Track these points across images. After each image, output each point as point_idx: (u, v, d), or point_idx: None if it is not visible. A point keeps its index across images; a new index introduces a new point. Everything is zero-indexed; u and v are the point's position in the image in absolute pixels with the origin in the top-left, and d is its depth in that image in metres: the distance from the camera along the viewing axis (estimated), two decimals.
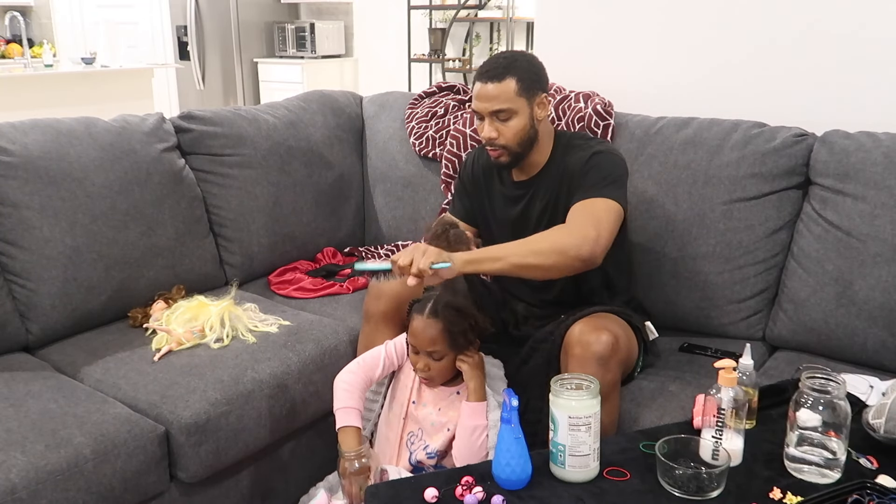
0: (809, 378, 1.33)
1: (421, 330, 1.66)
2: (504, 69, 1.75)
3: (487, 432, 1.67)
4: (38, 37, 6.74)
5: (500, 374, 1.80)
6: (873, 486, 1.23)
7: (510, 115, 1.76)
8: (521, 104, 1.76)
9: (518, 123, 1.77)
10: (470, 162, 2.03)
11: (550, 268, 1.65)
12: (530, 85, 1.76)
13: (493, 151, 1.82)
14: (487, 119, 1.78)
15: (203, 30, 6.09)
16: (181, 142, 2.28)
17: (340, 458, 1.63)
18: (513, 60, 1.77)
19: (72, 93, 4.76)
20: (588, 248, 1.63)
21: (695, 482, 1.26)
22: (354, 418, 1.67)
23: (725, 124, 2.07)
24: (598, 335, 1.59)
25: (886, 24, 2.04)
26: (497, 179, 1.96)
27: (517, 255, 1.63)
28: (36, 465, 1.44)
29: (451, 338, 1.66)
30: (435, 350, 1.67)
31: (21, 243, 1.89)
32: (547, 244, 1.65)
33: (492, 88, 1.75)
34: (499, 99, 1.74)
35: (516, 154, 1.81)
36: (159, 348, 1.86)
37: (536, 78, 1.79)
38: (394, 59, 5.97)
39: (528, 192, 1.89)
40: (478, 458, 1.66)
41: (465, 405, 1.69)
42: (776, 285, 2.00)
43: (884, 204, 1.80)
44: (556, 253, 1.63)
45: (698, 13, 2.32)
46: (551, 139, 1.88)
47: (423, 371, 1.70)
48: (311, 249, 2.54)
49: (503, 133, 1.78)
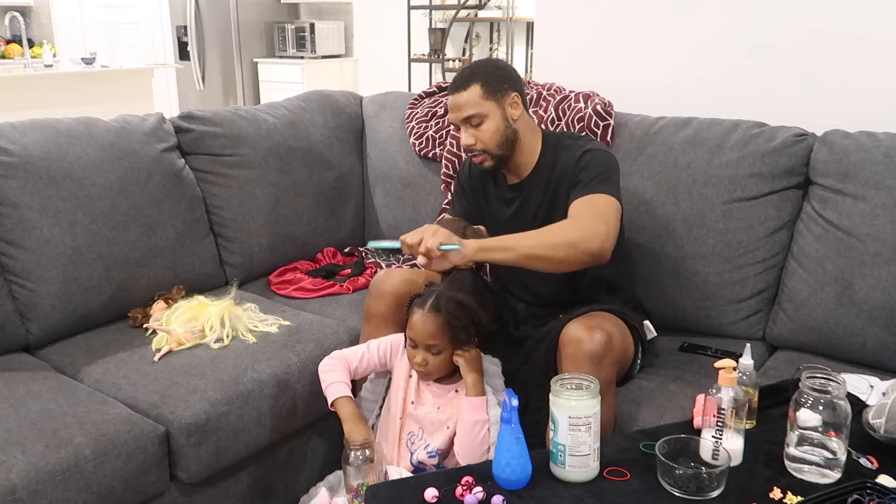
0: (809, 378, 1.33)
1: (421, 323, 1.67)
2: (468, 77, 1.81)
3: (489, 427, 1.67)
4: (38, 37, 6.74)
5: (498, 371, 1.80)
6: (873, 486, 1.23)
7: (481, 119, 1.80)
8: (489, 107, 1.79)
9: (491, 126, 1.80)
10: (467, 164, 2.05)
11: (561, 261, 1.66)
12: (496, 87, 1.80)
13: (476, 157, 1.85)
14: (462, 128, 1.82)
15: (203, 30, 6.09)
16: (181, 142, 2.28)
17: (345, 448, 1.61)
18: (475, 67, 1.84)
19: (72, 93, 4.76)
20: (598, 242, 1.65)
21: (695, 482, 1.26)
22: (344, 389, 1.72)
23: (725, 124, 2.07)
24: (592, 334, 1.60)
25: (886, 24, 2.04)
26: (492, 182, 1.97)
27: (528, 247, 1.65)
28: (36, 465, 1.44)
29: (452, 332, 1.66)
30: (434, 344, 1.67)
31: (21, 243, 1.89)
32: (558, 237, 1.66)
33: (458, 97, 1.81)
34: (467, 105, 1.79)
35: (498, 157, 1.83)
36: (159, 348, 1.86)
37: (501, 79, 1.82)
38: (394, 59, 5.97)
39: (521, 194, 1.90)
40: (480, 453, 1.66)
41: (465, 400, 1.69)
42: (776, 285, 2.00)
43: (884, 204, 1.81)
44: (567, 246, 1.64)
45: (698, 13, 2.32)
46: (538, 139, 1.89)
47: (420, 365, 1.70)
48: (311, 249, 2.54)
49: (479, 138, 1.81)
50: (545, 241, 1.66)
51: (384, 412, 1.82)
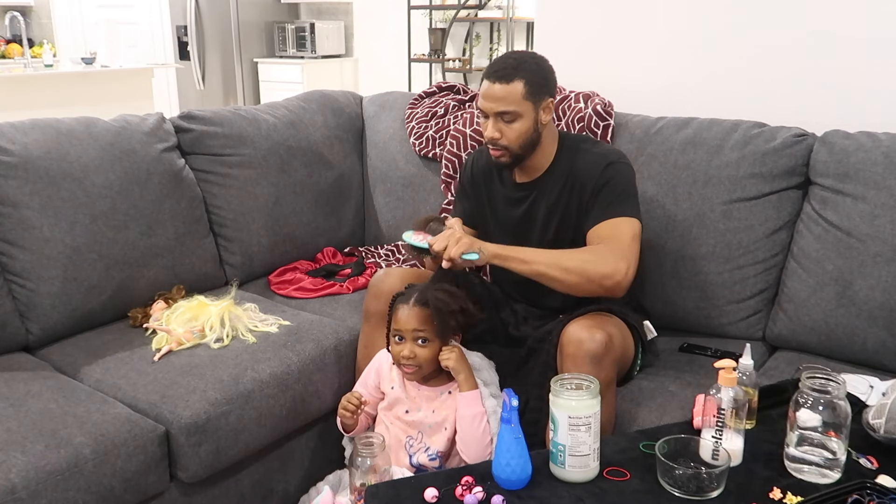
0: (809, 378, 1.33)
1: (406, 315, 1.69)
2: (513, 70, 1.74)
3: (487, 418, 1.67)
4: (38, 37, 6.74)
5: (485, 364, 1.82)
6: (873, 486, 1.23)
7: (515, 117, 1.76)
8: (526, 108, 1.76)
9: (522, 126, 1.77)
10: (469, 164, 2.04)
11: (571, 286, 1.70)
12: (538, 89, 1.76)
13: (495, 151, 1.82)
14: (492, 119, 1.78)
15: (203, 30, 6.09)
16: (181, 142, 2.28)
17: (353, 447, 1.62)
18: (522, 62, 1.76)
19: (72, 93, 4.75)
20: (615, 280, 1.68)
21: (695, 482, 1.26)
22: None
23: (725, 124, 2.07)
24: (592, 333, 1.60)
25: (886, 24, 2.04)
26: (498, 181, 1.95)
27: (544, 265, 1.69)
28: (36, 465, 1.44)
29: (440, 318, 1.67)
30: (422, 334, 1.68)
31: (21, 243, 1.89)
32: (575, 264, 1.69)
33: (499, 89, 1.75)
34: (505, 100, 1.75)
35: (517, 156, 1.82)
36: (159, 348, 1.86)
37: (545, 82, 1.78)
38: (394, 59, 5.97)
39: (532, 194, 1.89)
40: (484, 445, 1.67)
41: (459, 397, 1.70)
42: (776, 285, 2.00)
43: (884, 204, 1.80)
44: (581, 276, 1.68)
45: (698, 13, 2.32)
46: (555, 141, 1.88)
47: (407, 359, 1.70)
48: (311, 249, 2.54)
49: (506, 134, 1.78)
50: (562, 264, 1.69)
51: (380, 419, 1.83)
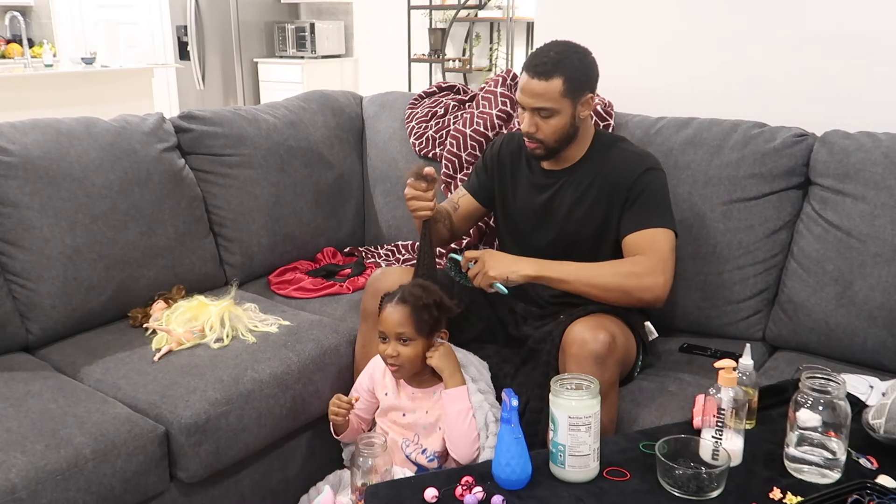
0: (809, 378, 1.33)
1: (389, 315, 1.70)
2: (553, 66, 1.72)
3: (473, 413, 1.68)
4: (38, 37, 6.74)
5: (474, 360, 1.83)
6: (873, 486, 1.23)
7: (552, 113, 1.76)
8: (564, 104, 1.75)
9: (559, 122, 1.77)
10: (498, 144, 2.03)
11: (611, 301, 1.73)
12: (577, 85, 1.75)
13: (530, 143, 1.82)
14: (529, 113, 1.78)
15: (203, 30, 6.09)
16: (181, 142, 2.28)
17: (356, 447, 1.63)
18: (564, 57, 1.74)
19: (72, 93, 4.75)
20: (654, 294, 1.71)
21: (695, 482, 1.26)
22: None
23: (725, 124, 2.07)
24: (596, 334, 1.60)
25: (886, 24, 2.04)
26: (526, 166, 1.95)
27: (582, 283, 1.73)
28: (36, 465, 1.44)
29: (417, 314, 1.68)
30: (402, 333, 1.69)
31: (21, 243, 1.88)
32: (615, 281, 1.72)
33: (537, 85, 1.73)
34: (543, 98, 1.74)
35: (552, 149, 1.82)
36: (159, 348, 1.86)
37: (585, 78, 1.77)
38: (394, 59, 5.97)
39: (559, 182, 1.88)
40: (470, 441, 1.68)
41: (444, 394, 1.71)
42: (776, 285, 2.00)
43: (884, 204, 1.81)
44: (621, 291, 1.71)
45: (698, 13, 2.32)
46: (590, 135, 1.88)
47: (392, 358, 1.71)
48: (311, 249, 2.54)
49: (542, 129, 1.78)
50: (600, 281, 1.72)
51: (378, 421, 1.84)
